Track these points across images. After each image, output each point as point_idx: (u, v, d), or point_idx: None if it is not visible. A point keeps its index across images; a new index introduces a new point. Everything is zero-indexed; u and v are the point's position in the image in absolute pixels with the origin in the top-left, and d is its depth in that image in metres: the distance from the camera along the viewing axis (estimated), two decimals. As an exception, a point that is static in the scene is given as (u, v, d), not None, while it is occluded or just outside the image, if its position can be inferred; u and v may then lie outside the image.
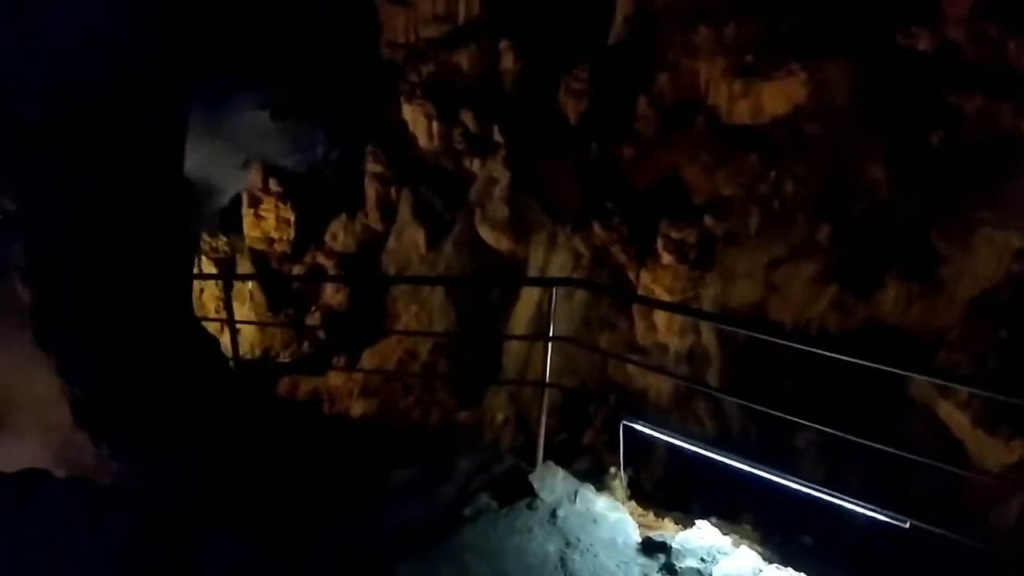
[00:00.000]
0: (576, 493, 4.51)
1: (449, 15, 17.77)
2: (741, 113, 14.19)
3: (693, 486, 9.49)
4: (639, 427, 4.39)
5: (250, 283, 17.03)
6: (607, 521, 4.25)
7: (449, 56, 17.21)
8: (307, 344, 16.89)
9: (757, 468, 3.88)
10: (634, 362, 12.76)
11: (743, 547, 4.06)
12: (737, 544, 4.11)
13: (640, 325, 13.79)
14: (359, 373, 15.94)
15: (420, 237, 16.55)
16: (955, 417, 11.37)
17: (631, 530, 4.17)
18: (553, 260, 14.95)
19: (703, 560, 3.87)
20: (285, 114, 19.45)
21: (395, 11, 18.42)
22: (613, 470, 5.30)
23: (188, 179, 17.63)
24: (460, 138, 16.78)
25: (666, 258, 13.35)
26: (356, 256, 17.47)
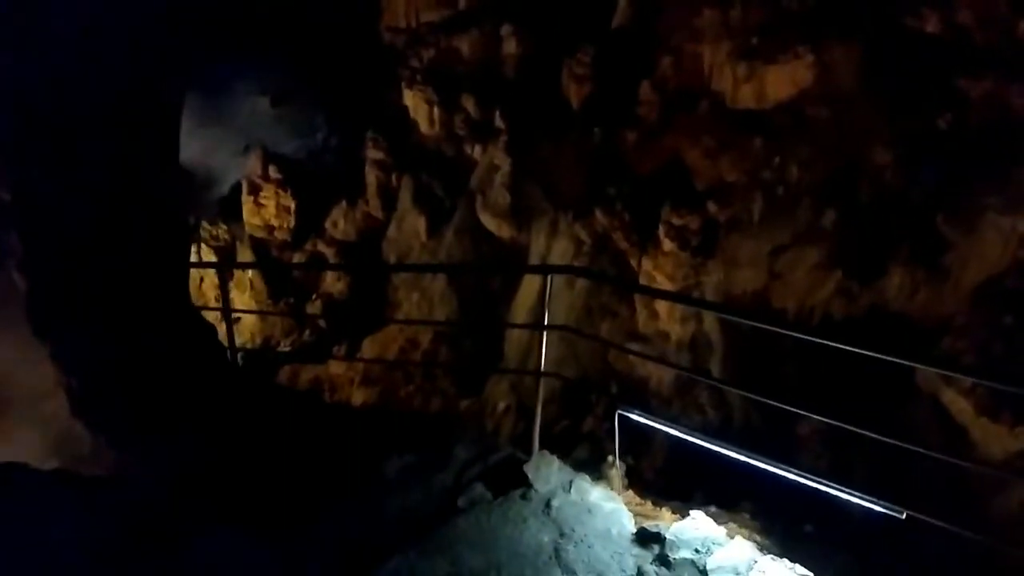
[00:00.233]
0: (571, 483, 4.47)
1: (450, -1, 17.66)
2: (745, 97, 14.02)
3: (693, 474, 9.44)
4: (634, 416, 4.29)
5: (250, 271, 16.97)
6: (602, 511, 4.22)
7: (450, 41, 17.08)
8: (308, 332, 16.83)
9: (753, 458, 3.79)
10: (630, 351, 12.68)
11: (738, 538, 4.04)
12: (732, 535, 4.08)
13: (642, 313, 13.69)
14: (360, 362, 15.90)
15: (421, 224, 16.46)
16: (959, 404, 11.28)
17: (626, 521, 4.15)
18: (555, 247, 14.85)
19: (697, 551, 3.83)
20: (285, 100, 19.32)
21: (396, -5, 18.30)
22: (610, 459, 5.23)
23: (188, 167, 17.65)
24: (461, 124, 16.67)
25: (667, 245, 13.23)
26: (357, 244, 17.40)
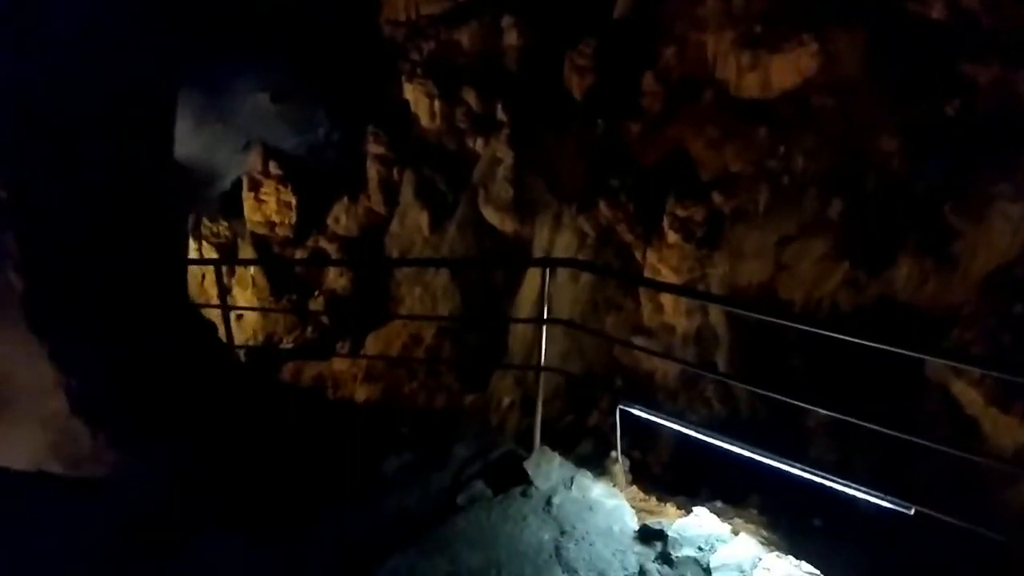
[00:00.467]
0: (572, 479, 4.38)
1: (450, -9, 17.51)
2: (750, 87, 13.85)
3: (700, 468, 9.31)
4: (635, 411, 4.19)
5: (252, 268, 16.91)
6: (603, 508, 4.14)
7: (451, 33, 16.95)
8: (310, 329, 16.77)
9: (757, 453, 3.69)
10: (631, 345, 12.58)
11: (743, 535, 3.92)
12: (737, 531, 3.98)
13: (647, 306, 13.56)
14: (363, 358, 15.83)
15: (423, 219, 16.37)
16: (969, 395, 11.16)
17: (628, 518, 4.06)
18: (558, 240, 14.73)
19: (700, 549, 3.74)
20: (286, 96, 19.23)
21: (395, -12, 18.19)
22: (613, 454, 5.13)
23: (189, 164, 17.62)
24: (463, 117, 16.55)
25: (672, 237, 13.09)
26: (359, 240, 17.33)
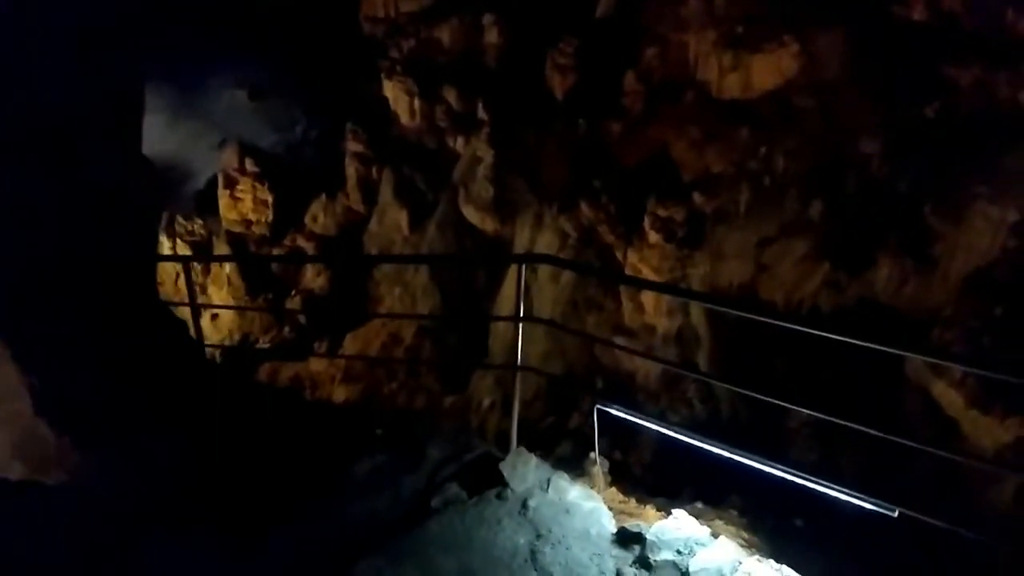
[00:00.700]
0: (549, 481, 4.27)
1: (430, -13, 17.34)
2: (731, 87, 13.84)
3: (681, 469, 9.22)
4: (613, 411, 4.08)
5: (227, 267, 16.66)
6: (581, 511, 4.05)
7: (431, 31, 16.79)
8: (287, 329, 16.53)
9: (737, 454, 3.60)
10: (612, 344, 12.51)
11: (722, 538, 3.87)
12: (716, 534, 3.92)
13: (627, 306, 13.50)
14: (341, 358, 15.63)
15: (403, 218, 16.20)
16: (949, 396, 11.15)
17: (605, 520, 3.98)
18: (539, 240, 14.63)
19: (679, 552, 3.67)
20: (263, 93, 19.00)
21: (375, -16, 17.98)
22: (592, 455, 5.02)
23: (164, 161, 17.36)
24: (443, 115, 16.39)
25: (653, 237, 13.05)
26: (337, 238, 17.13)
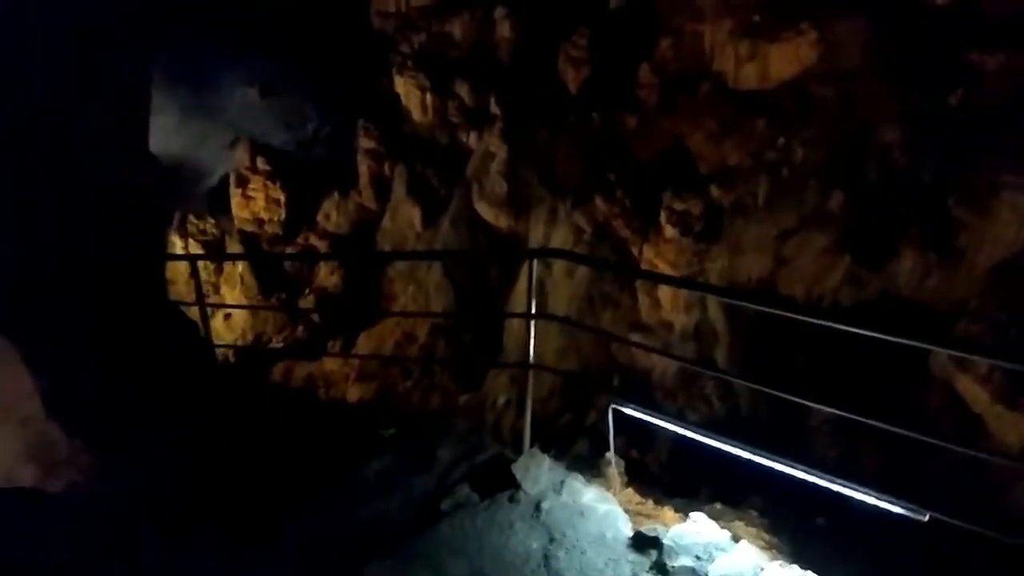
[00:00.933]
0: (563, 484, 4.15)
1: (442, -19, 17.19)
2: (748, 78, 13.60)
3: (699, 468, 9.03)
4: (629, 411, 3.94)
5: (240, 266, 16.63)
6: (595, 514, 3.96)
7: (442, 25, 16.65)
8: (301, 328, 16.47)
9: (753, 452, 3.47)
10: (626, 341, 12.36)
11: (743, 542, 3.74)
12: (737, 538, 3.80)
13: (644, 302, 13.32)
14: (355, 358, 15.56)
15: (415, 215, 16.07)
16: (973, 391, 10.90)
17: (621, 524, 3.89)
18: (554, 236, 14.48)
19: (698, 558, 3.55)
20: (274, 91, 18.96)
21: (385, -21, 17.85)
22: (607, 456, 4.89)
23: (175, 160, 17.38)
24: (455, 111, 16.26)
25: (669, 231, 12.84)
26: (350, 236, 17.02)
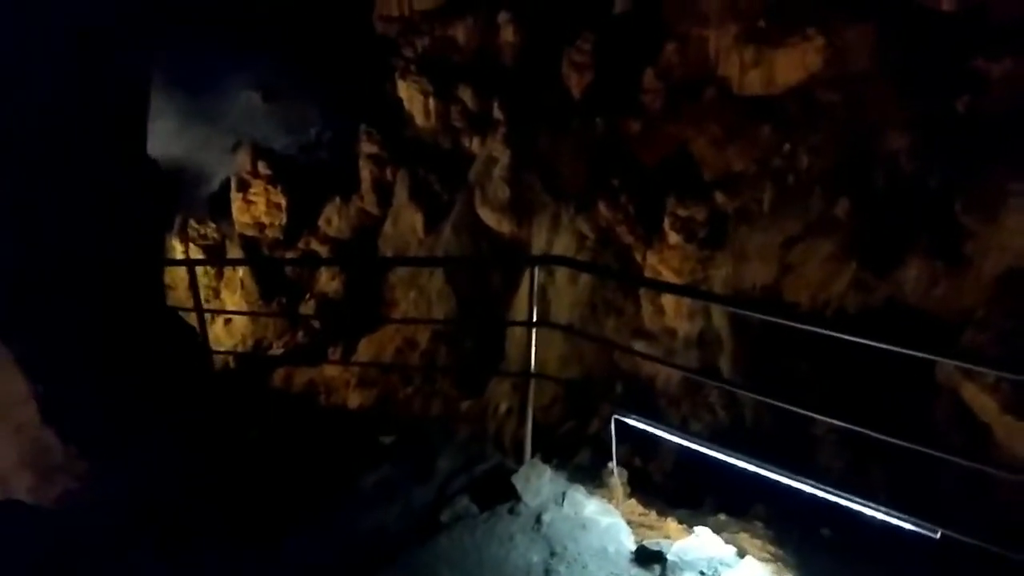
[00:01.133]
0: (564, 495, 4.07)
1: (445, -15, 17.19)
2: (753, 84, 13.57)
3: (704, 477, 8.92)
4: (631, 421, 3.86)
5: (240, 271, 16.58)
6: (598, 527, 3.85)
7: (445, 30, 16.68)
8: (302, 333, 16.40)
9: (757, 465, 3.40)
10: (627, 349, 12.29)
11: (748, 557, 3.68)
12: (742, 553, 3.73)
13: (647, 309, 13.22)
14: (355, 365, 15.47)
15: (417, 220, 16.03)
16: (981, 401, 10.75)
17: (624, 537, 3.79)
18: (557, 242, 14.41)
19: (702, 573, 3.48)
20: (277, 94, 18.95)
21: (388, -17, 17.86)
22: (609, 466, 4.81)
23: (176, 164, 17.35)
24: (458, 116, 16.25)
25: (673, 238, 12.77)
26: (351, 241, 16.99)
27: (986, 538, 2.95)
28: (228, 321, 16.50)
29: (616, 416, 3.98)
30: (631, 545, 3.64)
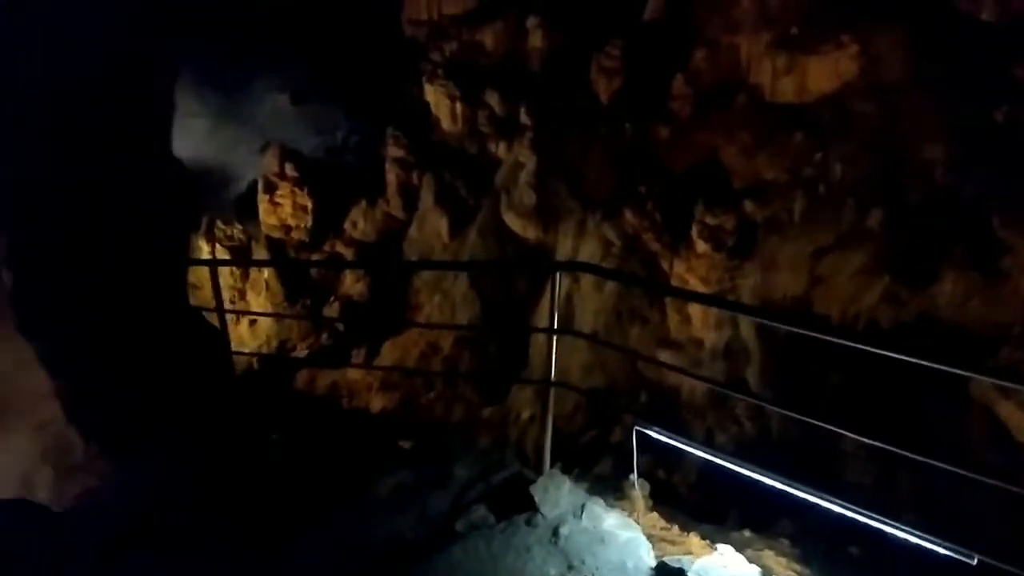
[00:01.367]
0: (583, 507, 3.92)
1: (474, -10, 17.22)
2: (785, 91, 13.41)
3: (728, 490, 8.77)
4: (652, 433, 3.75)
5: (266, 272, 16.68)
6: (617, 541, 3.70)
7: (473, 34, 16.67)
8: (326, 336, 16.44)
9: (783, 483, 3.26)
10: (650, 359, 12.13)
11: None
12: (766, 572, 3.58)
13: (673, 318, 13.08)
14: (377, 369, 15.48)
15: (443, 225, 16.00)
16: (1017, 419, 10.53)
17: (644, 552, 3.64)
18: (582, 248, 14.32)
19: None
20: (305, 98, 19.08)
21: (417, -13, 17.94)
22: (631, 478, 4.69)
23: (205, 166, 17.52)
24: (485, 120, 16.19)
25: (701, 246, 12.63)
26: (376, 245, 16.98)
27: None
28: (253, 322, 16.59)
29: (637, 427, 3.88)
30: (651, 561, 3.49)
